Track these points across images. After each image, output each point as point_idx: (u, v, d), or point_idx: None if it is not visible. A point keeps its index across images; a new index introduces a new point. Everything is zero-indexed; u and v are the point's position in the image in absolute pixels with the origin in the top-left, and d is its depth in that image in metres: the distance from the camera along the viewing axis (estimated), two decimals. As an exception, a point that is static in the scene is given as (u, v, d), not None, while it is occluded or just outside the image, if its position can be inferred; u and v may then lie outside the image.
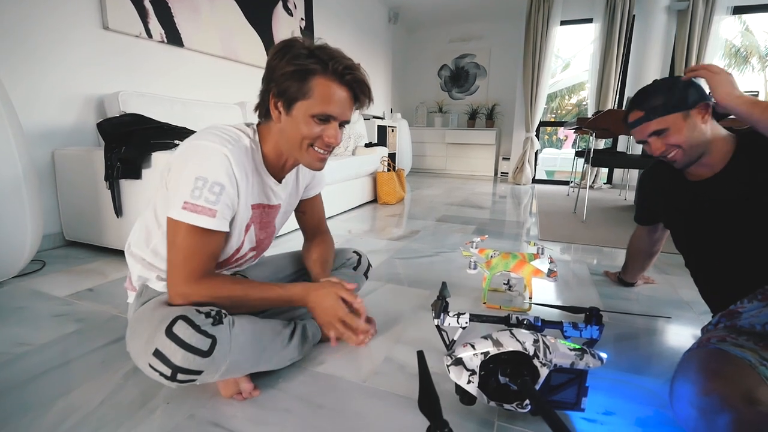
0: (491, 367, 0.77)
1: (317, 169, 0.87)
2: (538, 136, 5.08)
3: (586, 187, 2.93)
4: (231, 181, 0.76)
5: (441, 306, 0.95)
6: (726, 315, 0.91)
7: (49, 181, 1.84)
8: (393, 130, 4.53)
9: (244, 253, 0.92)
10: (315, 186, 1.08)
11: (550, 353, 0.76)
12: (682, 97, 0.95)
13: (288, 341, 0.88)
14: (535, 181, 5.21)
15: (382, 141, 4.23)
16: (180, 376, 0.67)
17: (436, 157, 5.73)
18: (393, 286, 1.50)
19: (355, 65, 0.80)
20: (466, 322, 0.95)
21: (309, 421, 0.78)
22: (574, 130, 3.67)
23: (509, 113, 5.42)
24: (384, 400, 0.85)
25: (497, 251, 1.34)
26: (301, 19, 3.44)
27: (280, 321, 0.91)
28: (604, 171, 4.96)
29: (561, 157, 7.46)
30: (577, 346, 0.78)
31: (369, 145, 3.48)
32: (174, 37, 2.35)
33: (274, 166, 0.88)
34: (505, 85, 5.42)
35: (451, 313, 0.96)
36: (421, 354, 0.65)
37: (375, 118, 4.36)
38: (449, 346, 0.89)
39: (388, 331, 1.14)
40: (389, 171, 3.35)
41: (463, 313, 0.96)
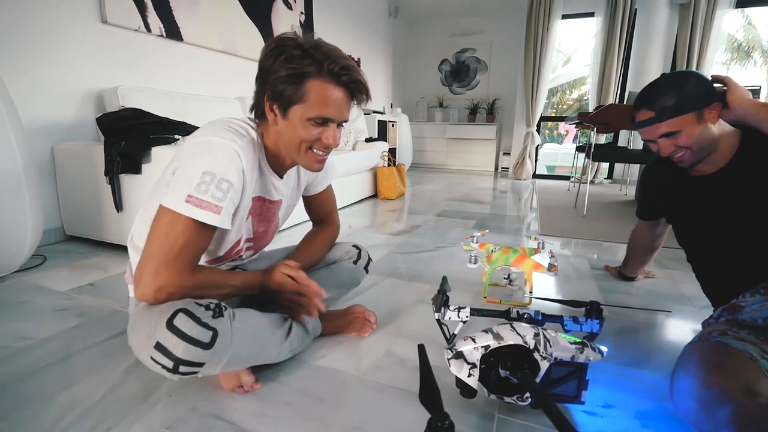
0: (492, 360, 0.77)
1: (316, 170, 0.86)
2: (538, 131, 5.06)
3: (587, 182, 2.92)
4: (239, 179, 0.75)
5: (441, 300, 0.95)
6: (727, 309, 0.91)
7: (48, 176, 1.84)
8: (393, 125, 4.51)
9: (242, 245, 0.92)
10: (318, 183, 1.07)
11: (551, 346, 0.76)
12: (696, 97, 0.91)
13: (288, 334, 0.88)
14: (535, 176, 5.20)
15: (382, 136, 4.21)
16: (182, 369, 0.67)
17: (437, 152, 5.72)
18: (393, 280, 1.50)
19: (352, 64, 0.77)
20: (467, 316, 0.95)
21: (310, 414, 0.78)
22: (575, 125, 3.66)
23: (510, 108, 5.40)
24: (385, 394, 0.85)
25: (498, 246, 1.34)
26: (301, 12, 3.42)
27: (281, 315, 0.91)
28: (605, 166, 4.95)
29: (562, 152, 7.44)
30: (577, 340, 0.78)
31: (369, 140, 3.47)
32: (173, 31, 2.34)
33: (275, 162, 0.88)
34: (506, 79, 5.39)
35: (451, 307, 0.96)
36: (421, 347, 0.65)
37: (375, 113, 4.34)
38: (450, 340, 0.89)
39: (389, 326, 1.14)
40: (389, 166, 3.34)
41: (464, 307, 0.96)
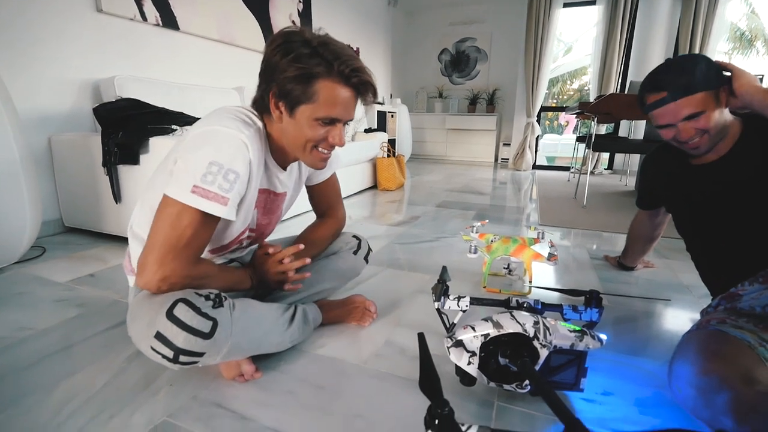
0: (491, 348, 0.78)
1: (319, 168, 0.86)
2: (539, 121, 5.03)
3: (587, 173, 2.91)
4: (246, 169, 0.74)
5: (441, 289, 0.95)
6: (726, 297, 0.91)
7: (46, 168, 1.83)
8: (393, 116, 4.48)
9: (245, 236, 0.92)
10: (321, 172, 1.06)
11: (550, 335, 0.76)
12: (709, 77, 0.89)
13: (289, 324, 0.89)
14: (535, 167, 5.19)
15: (381, 127, 4.19)
16: (182, 358, 0.67)
17: (437, 143, 5.69)
18: (393, 270, 1.50)
19: (362, 65, 0.76)
20: (467, 305, 0.96)
21: (311, 402, 0.79)
22: (575, 115, 3.63)
23: (510, 98, 5.36)
24: (385, 382, 0.86)
25: (497, 236, 1.34)
26: (299, 2, 3.37)
27: (281, 305, 0.91)
28: (605, 156, 4.93)
29: (562, 143, 7.41)
30: (577, 328, 0.78)
31: (368, 130, 3.45)
32: (169, 20, 2.31)
33: (279, 155, 0.87)
34: (506, 69, 5.34)
35: (451, 297, 0.96)
36: (421, 336, 0.66)
37: (374, 103, 4.31)
38: (450, 328, 0.89)
39: (389, 315, 1.14)
40: (389, 157, 3.32)
41: (464, 297, 0.96)
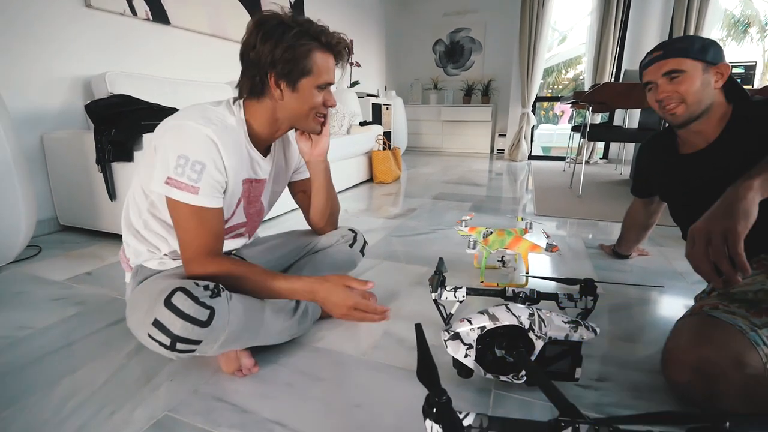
0: (488, 340, 0.79)
1: (318, 132, 0.94)
2: (534, 111, 5.03)
3: (582, 163, 2.92)
4: (212, 160, 0.77)
5: (438, 281, 0.96)
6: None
7: (39, 166, 1.81)
8: (388, 108, 4.46)
9: (232, 225, 0.93)
10: (302, 168, 1.10)
11: (545, 326, 0.77)
12: (707, 52, 0.94)
13: (289, 317, 0.90)
14: (531, 157, 5.19)
15: (376, 119, 4.17)
16: (179, 346, 0.68)
17: (432, 135, 5.68)
18: (390, 263, 1.51)
19: (339, 35, 0.86)
20: (463, 296, 0.97)
21: (310, 394, 0.80)
22: (570, 105, 3.63)
23: (505, 89, 5.34)
24: (384, 372, 0.87)
25: (489, 228, 1.35)
26: (291, -7, 3.33)
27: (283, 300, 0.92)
28: (600, 146, 4.94)
29: (557, 133, 7.41)
30: (572, 319, 0.79)
31: (363, 123, 3.43)
32: (159, 14, 2.28)
33: (261, 139, 0.90)
34: (501, 59, 5.32)
35: (448, 288, 0.97)
36: (419, 326, 0.66)
37: (369, 96, 4.29)
38: (447, 320, 0.90)
39: (387, 307, 1.15)
40: (384, 149, 3.32)
41: (460, 287, 0.97)
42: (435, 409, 0.54)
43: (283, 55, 0.78)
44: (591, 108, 2.82)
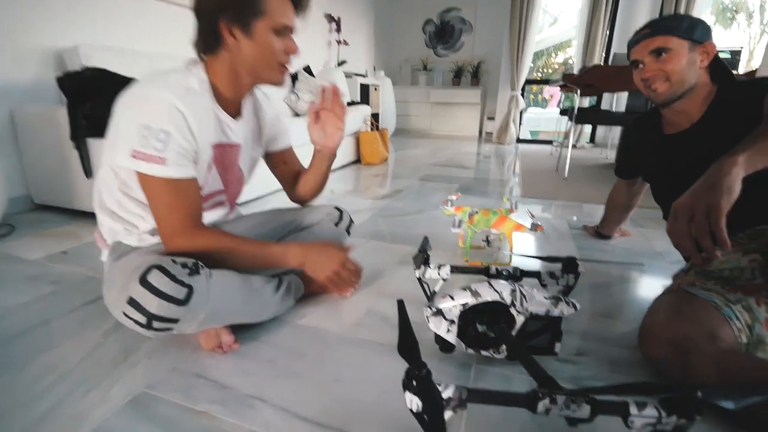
0: (470, 316, 0.79)
1: (282, 83, 0.87)
2: (523, 95, 5.01)
3: (569, 146, 2.93)
4: (177, 127, 0.73)
5: (422, 259, 0.95)
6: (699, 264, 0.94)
7: (9, 142, 1.74)
8: (376, 89, 4.39)
9: (209, 193, 0.90)
10: (281, 137, 1.06)
11: (527, 302, 0.78)
12: (695, 30, 0.94)
13: (271, 295, 0.88)
14: (519, 140, 5.19)
15: (364, 100, 4.10)
16: (156, 324, 0.67)
17: (421, 117, 5.62)
18: (376, 242, 1.50)
19: None
20: (447, 274, 0.97)
21: (292, 369, 0.79)
22: (559, 88, 3.63)
23: (495, 71, 5.30)
24: (366, 348, 0.87)
25: (475, 208, 1.34)
26: (276, -35, 3.20)
27: (263, 276, 0.90)
28: (588, 130, 4.96)
29: (546, 117, 7.43)
30: (553, 295, 0.80)
31: (351, 103, 3.37)
32: (136, -17, 2.17)
33: (228, 100, 0.86)
34: (492, 41, 5.25)
35: (432, 265, 0.97)
36: (400, 302, 0.66)
37: (357, 75, 4.20)
38: (430, 298, 0.90)
39: (371, 286, 1.15)
40: (372, 130, 3.27)
41: (444, 265, 0.97)
42: (415, 381, 0.54)
43: None
44: (579, 91, 2.82)
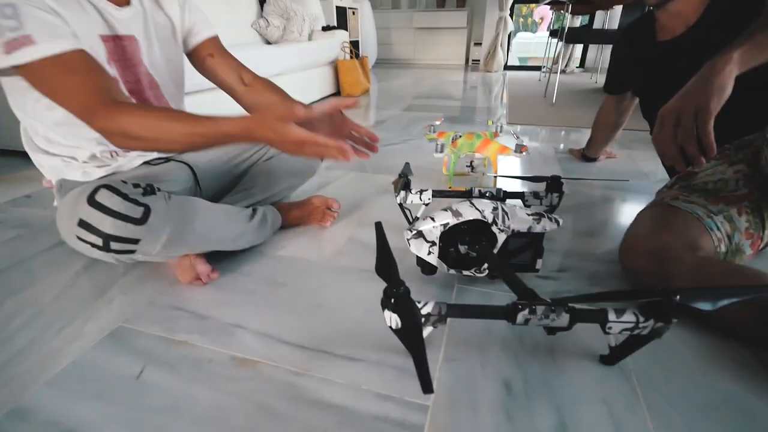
0: (451, 237, 0.77)
1: None
2: (512, 16, 4.69)
3: (558, 72, 2.80)
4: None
5: (402, 183, 0.92)
6: (682, 177, 0.92)
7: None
8: (354, 13, 4.04)
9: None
10: (197, 26, 0.89)
11: (509, 219, 0.76)
12: None
13: (244, 222, 0.85)
14: (507, 67, 4.97)
15: (341, 25, 3.79)
16: (114, 245, 0.63)
17: (404, 44, 5.28)
18: (357, 173, 1.46)
19: None
20: (429, 199, 0.94)
21: (272, 298, 0.78)
22: (550, 7, 3.39)
23: (482, -10, 4.91)
24: (347, 275, 0.86)
25: (459, 133, 1.29)
26: None
27: (238, 206, 0.87)
28: (578, 55, 4.75)
29: (535, 42, 7.07)
30: (535, 212, 0.78)
31: (326, 28, 3.11)
32: None
33: None
34: (479, -46, 4.80)
35: (413, 191, 0.94)
36: (378, 225, 0.63)
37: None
38: (412, 222, 0.88)
39: (352, 215, 1.12)
40: (351, 59, 3.07)
41: (426, 190, 0.94)
42: (393, 299, 0.53)
43: None
44: (570, 7, 2.63)
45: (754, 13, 0.80)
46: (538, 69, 4.68)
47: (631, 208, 1.18)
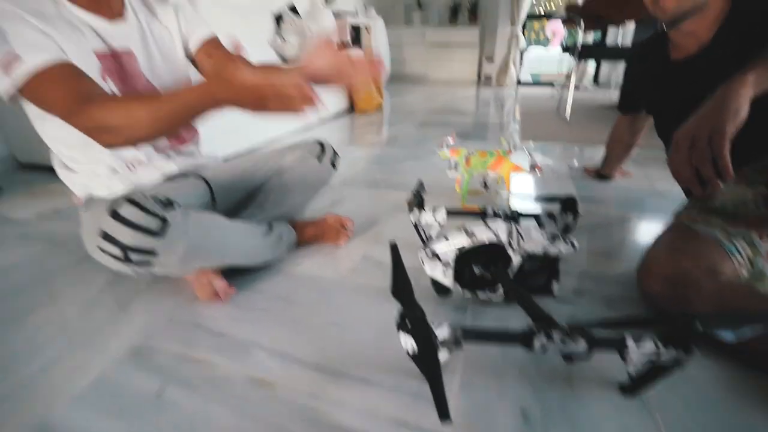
0: (465, 258, 0.77)
1: None
2: (524, 32, 4.73)
3: (571, 87, 2.80)
4: (9, 21, 0.62)
5: (416, 201, 0.92)
6: (701, 198, 0.91)
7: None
8: (368, 30, 4.12)
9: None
10: (193, 29, 0.90)
11: (524, 241, 0.76)
12: None
13: (260, 238, 0.87)
14: (519, 83, 4.98)
15: (356, 43, 3.87)
16: (133, 256, 0.66)
17: (416, 61, 5.35)
18: (371, 190, 1.47)
19: None
20: (443, 218, 0.94)
21: (287, 316, 0.79)
22: (563, 23, 3.41)
23: (493, 8, 4.96)
24: (362, 294, 0.86)
25: (472, 150, 1.29)
26: None
27: (254, 223, 0.89)
28: (591, 71, 4.74)
29: (547, 58, 7.08)
30: (551, 233, 0.78)
31: (342, 46, 3.18)
32: None
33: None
34: (491, -28, 4.86)
35: (426, 208, 0.94)
36: (394, 245, 0.64)
37: (346, 13, 3.93)
38: (426, 242, 0.88)
39: (366, 233, 1.13)
40: (365, 76, 3.11)
41: (439, 207, 0.94)
42: (408, 321, 0.53)
43: None
44: (583, 22, 2.64)
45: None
46: (551, 85, 4.69)
47: (648, 229, 1.17)
